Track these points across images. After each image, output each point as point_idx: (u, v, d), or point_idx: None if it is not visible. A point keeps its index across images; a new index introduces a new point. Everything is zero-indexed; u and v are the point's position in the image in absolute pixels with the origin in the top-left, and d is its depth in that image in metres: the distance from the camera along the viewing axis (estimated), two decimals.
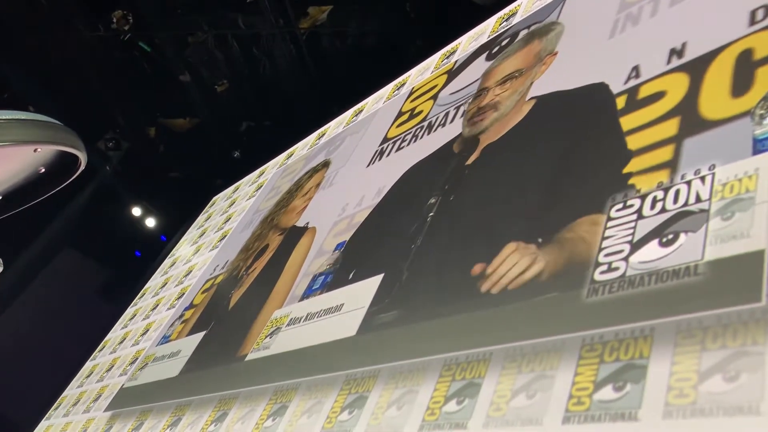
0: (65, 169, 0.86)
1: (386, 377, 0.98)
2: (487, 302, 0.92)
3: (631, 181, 0.86)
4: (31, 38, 3.79)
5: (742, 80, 0.85)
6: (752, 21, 0.92)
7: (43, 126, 0.72)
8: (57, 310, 4.31)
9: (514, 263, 0.91)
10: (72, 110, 3.78)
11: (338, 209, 1.62)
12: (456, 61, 1.76)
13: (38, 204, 0.94)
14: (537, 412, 0.73)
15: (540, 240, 0.92)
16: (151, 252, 3.70)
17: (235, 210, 2.60)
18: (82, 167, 0.85)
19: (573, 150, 1.03)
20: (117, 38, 3.95)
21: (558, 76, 1.25)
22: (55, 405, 2.38)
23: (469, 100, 1.47)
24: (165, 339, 1.95)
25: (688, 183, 0.78)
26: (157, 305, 2.35)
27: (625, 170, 0.88)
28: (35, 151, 0.77)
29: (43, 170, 0.86)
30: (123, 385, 1.93)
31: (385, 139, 1.74)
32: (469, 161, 1.28)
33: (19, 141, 0.70)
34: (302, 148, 2.50)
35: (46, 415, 2.37)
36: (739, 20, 0.94)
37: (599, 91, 1.10)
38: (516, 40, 1.50)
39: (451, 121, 1.48)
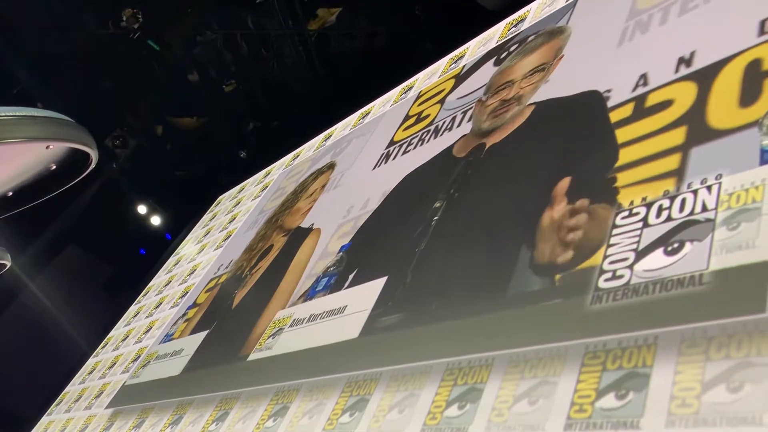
0: (76, 167, 0.86)
1: (388, 380, 0.98)
2: (491, 307, 0.92)
3: (632, 189, 0.86)
4: (41, 35, 3.81)
5: (750, 90, 0.85)
6: (762, 31, 0.92)
7: (55, 123, 0.72)
8: (61, 306, 4.33)
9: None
10: (80, 108, 3.80)
11: (343, 211, 1.62)
12: (464, 66, 1.76)
13: (44, 200, 0.95)
14: (539, 418, 0.73)
15: None
16: (156, 250, 3.71)
17: (240, 210, 2.61)
18: (93, 165, 0.86)
19: (572, 153, 1.04)
20: (126, 36, 3.96)
21: (567, 81, 1.25)
22: (57, 401, 2.39)
23: (489, 95, 1.46)
24: (168, 337, 1.96)
25: (695, 192, 0.78)
26: (161, 303, 2.35)
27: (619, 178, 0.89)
28: (47, 147, 0.78)
29: (54, 167, 0.86)
30: (125, 382, 1.93)
31: (392, 142, 1.74)
32: (475, 163, 1.28)
33: (32, 138, 0.70)
34: (308, 149, 2.51)
35: (48, 411, 2.37)
36: (748, 30, 0.94)
37: (593, 99, 1.11)
38: (538, 35, 1.50)
39: (458, 125, 1.48)
